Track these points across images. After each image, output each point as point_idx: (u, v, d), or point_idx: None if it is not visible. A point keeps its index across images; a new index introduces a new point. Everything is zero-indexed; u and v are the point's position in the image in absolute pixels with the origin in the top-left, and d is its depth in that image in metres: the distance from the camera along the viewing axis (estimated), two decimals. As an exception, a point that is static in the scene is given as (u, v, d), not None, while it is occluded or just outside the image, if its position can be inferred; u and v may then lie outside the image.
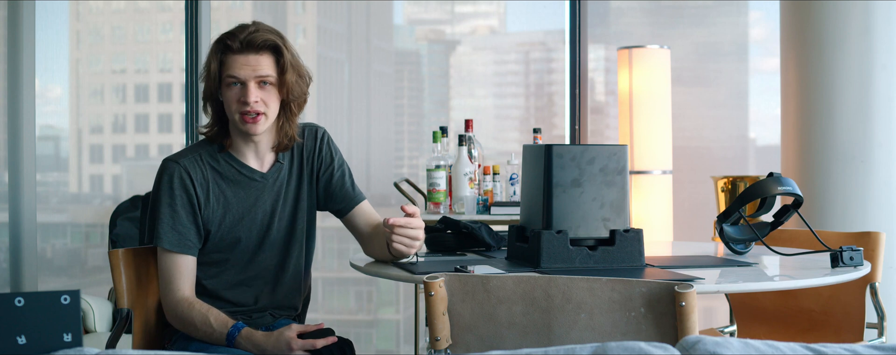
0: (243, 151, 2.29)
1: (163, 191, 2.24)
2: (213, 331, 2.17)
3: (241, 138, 2.27)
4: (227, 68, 2.19)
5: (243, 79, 2.18)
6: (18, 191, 4.02)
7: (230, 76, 2.19)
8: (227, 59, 2.19)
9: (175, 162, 2.25)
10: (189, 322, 2.20)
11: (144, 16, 4.90)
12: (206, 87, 2.24)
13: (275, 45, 2.20)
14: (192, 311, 2.20)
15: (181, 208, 2.23)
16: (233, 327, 2.17)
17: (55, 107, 4.58)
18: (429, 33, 5.31)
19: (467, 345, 1.84)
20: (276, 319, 2.38)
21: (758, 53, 4.94)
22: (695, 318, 1.68)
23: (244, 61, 2.18)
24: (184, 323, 2.21)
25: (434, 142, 3.68)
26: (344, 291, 5.00)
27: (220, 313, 2.20)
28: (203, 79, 2.25)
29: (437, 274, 1.83)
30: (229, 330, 2.16)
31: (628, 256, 2.19)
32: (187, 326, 2.21)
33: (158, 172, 2.26)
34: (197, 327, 2.19)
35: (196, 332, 2.20)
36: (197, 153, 2.28)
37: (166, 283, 2.24)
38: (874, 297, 2.67)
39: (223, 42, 2.20)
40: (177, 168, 2.24)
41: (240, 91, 2.19)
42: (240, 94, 2.19)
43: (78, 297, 1.41)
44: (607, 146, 2.19)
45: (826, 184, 3.71)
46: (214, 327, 2.17)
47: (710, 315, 4.66)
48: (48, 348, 1.38)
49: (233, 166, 2.28)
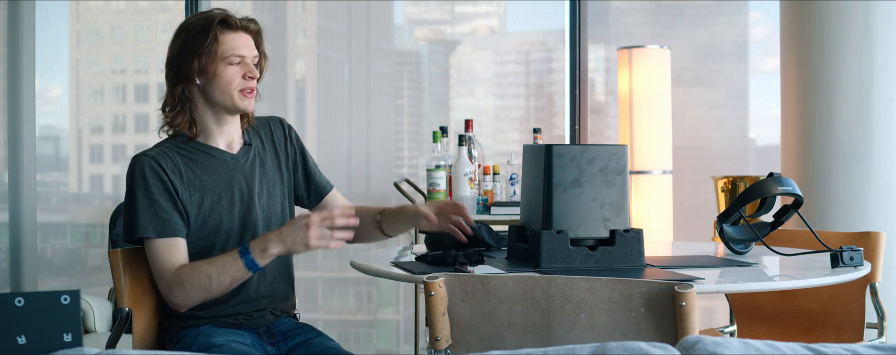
0: (214, 136, 2.31)
1: (137, 185, 2.24)
2: (228, 268, 2.15)
3: (214, 122, 2.30)
4: (231, 47, 2.24)
5: (247, 57, 2.26)
6: (18, 191, 4.02)
7: (236, 54, 2.25)
8: (228, 37, 2.25)
9: (143, 155, 2.26)
10: (203, 281, 2.16)
11: (144, 16, 4.90)
12: (189, 70, 2.25)
13: (259, 29, 2.32)
14: (196, 271, 2.17)
15: (159, 196, 2.23)
16: (241, 249, 2.15)
17: (55, 107, 4.58)
18: (429, 33, 5.31)
19: (467, 345, 1.84)
20: (278, 317, 2.38)
21: (758, 53, 4.94)
22: (695, 318, 1.68)
23: (245, 41, 2.27)
24: (198, 286, 2.17)
25: (434, 142, 3.68)
26: (344, 291, 5.00)
27: (215, 258, 2.18)
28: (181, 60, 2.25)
29: (437, 274, 1.83)
30: (241, 255, 2.14)
31: (628, 256, 2.19)
32: (203, 288, 2.16)
33: (129, 170, 2.27)
34: (212, 278, 2.15)
35: (217, 285, 2.16)
36: (163, 146, 2.29)
37: (162, 269, 2.21)
38: (874, 297, 2.67)
39: (226, 22, 2.25)
40: (146, 160, 2.25)
41: (244, 67, 2.26)
42: (245, 70, 2.26)
43: (78, 297, 1.41)
44: (607, 146, 2.20)
45: (826, 184, 3.71)
46: (227, 264, 2.15)
47: (710, 315, 4.66)
48: (48, 348, 1.38)
49: (202, 150, 2.30)
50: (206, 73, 2.25)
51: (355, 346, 4.86)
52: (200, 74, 2.26)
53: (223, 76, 2.25)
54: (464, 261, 2.19)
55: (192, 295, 2.19)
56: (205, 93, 2.28)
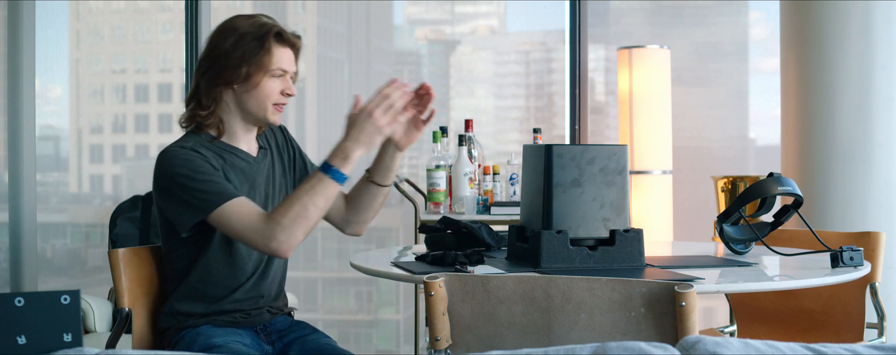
0: (238, 139, 2.31)
1: (181, 170, 2.17)
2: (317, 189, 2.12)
3: (241, 127, 2.30)
4: (279, 60, 2.25)
5: (289, 72, 2.28)
6: (18, 191, 4.02)
7: (281, 68, 2.25)
8: (278, 50, 2.25)
9: (179, 147, 2.22)
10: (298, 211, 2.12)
11: (144, 16, 4.90)
12: (230, 74, 2.22)
13: (301, 46, 2.32)
14: (287, 206, 2.12)
15: (210, 170, 2.19)
16: (321, 167, 2.14)
17: (55, 107, 4.58)
18: (429, 33, 5.31)
19: (467, 345, 1.84)
20: (274, 316, 2.39)
21: (758, 53, 4.94)
22: (695, 318, 1.68)
23: (290, 56, 2.28)
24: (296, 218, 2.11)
25: (434, 142, 3.68)
26: (344, 291, 5.00)
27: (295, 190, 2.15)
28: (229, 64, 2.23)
29: (437, 274, 1.83)
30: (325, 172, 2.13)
31: (628, 256, 2.19)
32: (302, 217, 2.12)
33: (165, 161, 2.20)
34: (306, 205, 2.11)
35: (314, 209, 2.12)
36: (193, 140, 2.26)
37: (249, 224, 2.14)
38: (874, 297, 2.67)
39: (277, 32, 2.24)
40: (182, 150, 2.21)
41: (283, 82, 2.27)
42: (284, 86, 2.27)
43: (78, 297, 1.41)
44: (607, 146, 2.19)
45: (826, 184, 3.71)
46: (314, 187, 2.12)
47: (710, 315, 4.66)
48: (48, 348, 1.38)
49: (229, 150, 2.29)
50: (249, 82, 2.24)
51: (355, 346, 4.86)
52: (242, 81, 2.24)
53: (264, 88, 2.25)
54: (464, 261, 2.19)
55: (294, 230, 2.12)
56: (239, 99, 2.27)
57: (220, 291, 2.30)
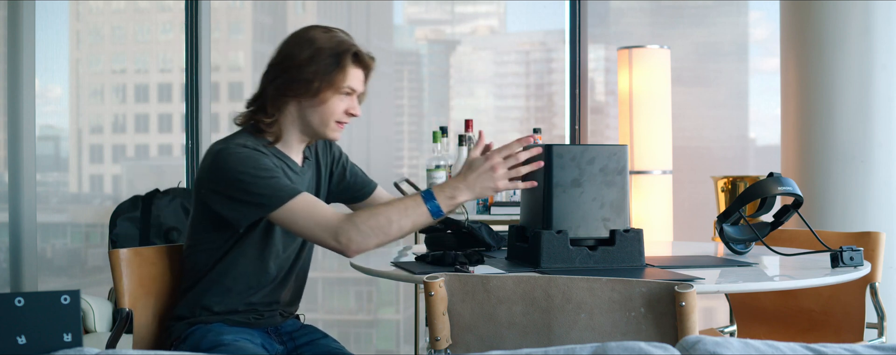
0: (291, 148, 2.31)
1: (245, 166, 2.15)
2: (410, 212, 2.12)
3: (297, 138, 2.30)
4: (350, 78, 2.25)
5: (358, 92, 2.29)
6: (18, 191, 4.02)
7: (350, 87, 2.26)
8: (351, 69, 2.25)
9: (241, 145, 2.20)
10: (382, 223, 2.11)
11: (144, 16, 4.90)
12: (300, 87, 2.22)
13: (373, 68, 2.33)
14: (375, 213, 2.12)
15: (270, 164, 2.19)
16: (424, 194, 2.13)
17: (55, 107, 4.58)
18: (429, 33, 5.31)
19: (467, 345, 1.84)
20: (286, 319, 2.40)
21: (758, 53, 4.94)
22: (695, 318, 1.68)
23: (360, 76, 2.29)
24: (376, 228, 2.11)
25: (434, 142, 3.68)
26: (344, 291, 5.00)
27: (392, 202, 2.15)
28: (297, 77, 2.21)
29: (437, 274, 1.83)
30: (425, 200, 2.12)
31: (628, 256, 2.19)
32: (382, 231, 2.11)
33: (225, 157, 2.17)
34: (393, 221, 2.11)
35: (397, 228, 2.12)
36: (252, 142, 2.24)
37: (320, 219, 2.13)
38: (874, 297, 2.67)
39: (354, 53, 2.25)
40: (244, 148, 2.19)
41: (350, 102, 2.28)
42: (349, 105, 2.27)
43: (78, 297, 1.41)
44: (607, 146, 2.19)
45: (826, 184, 3.71)
46: (409, 208, 2.12)
47: (710, 315, 4.66)
48: (48, 348, 1.38)
49: (282, 160, 2.28)
50: (317, 97, 2.23)
51: (355, 346, 4.86)
52: (311, 96, 2.23)
53: (330, 105, 2.25)
54: (464, 261, 2.19)
55: (368, 238, 2.12)
56: (303, 112, 2.26)
57: (239, 292, 2.30)
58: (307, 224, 2.13)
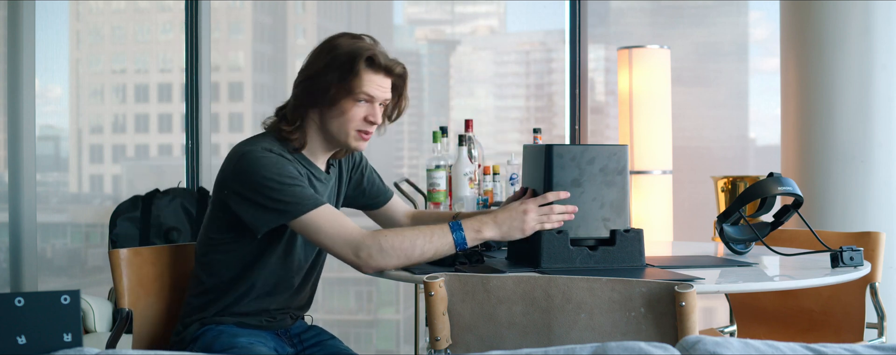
0: (317, 156, 2.28)
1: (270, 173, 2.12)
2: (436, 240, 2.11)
3: (321, 147, 2.26)
4: (366, 85, 2.18)
5: (378, 99, 2.21)
6: (18, 191, 4.02)
7: (365, 93, 2.18)
8: (368, 75, 2.18)
9: (267, 150, 2.16)
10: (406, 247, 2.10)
11: (144, 16, 4.90)
12: (318, 95, 2.18)
13: (404, 74, 2.25)
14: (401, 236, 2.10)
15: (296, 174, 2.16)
16: (452, 225, 2.13)
17: (55, 107, 4.58)
18: (429, 33, 5.31)
19: (467, 345, 1.84)
20: (295, 321, 2.40)
21: (758, 53, 4.94)
22: (695, 318, 1.68)
23: (382, 83, 2.20)
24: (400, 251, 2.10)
25: (434, 142, 3.68)
26: (344, 291, 5.00)
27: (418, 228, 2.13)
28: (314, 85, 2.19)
29: (437, 275, 1.83)
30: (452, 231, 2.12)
31: (628, 256, 2.19)
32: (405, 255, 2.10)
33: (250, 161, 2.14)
34: (417, 247, 2.10)
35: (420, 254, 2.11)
36: (278, 148, 2.20)
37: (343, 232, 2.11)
38: (874, 297, 2.67)
39: (368, 57, 2.17)
40: (270, 154, 2.16)
41: (368, 109, 2.20)
42: (368, 112, 2.20)
43: (78, 297, 1.41)
44: (607, 146, 2.19)
45: (826, 184, 3.71)
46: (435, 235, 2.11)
47: (710, 315, 4.66)
48: (48, 348, 1.39)
49: (307, 167, 2.25)
50: (335, 106, 2.19)
51: (355, 346, 4.86)
52: (329, 104, 2.19)
53: (346, 112, 2.19)
54: (464, 261, 2.19)
55: (389, 258, 2.10)
56: (323, 120, 2.22)
57: (256, 297, 2.28)
58: (329, 235, 2.12)
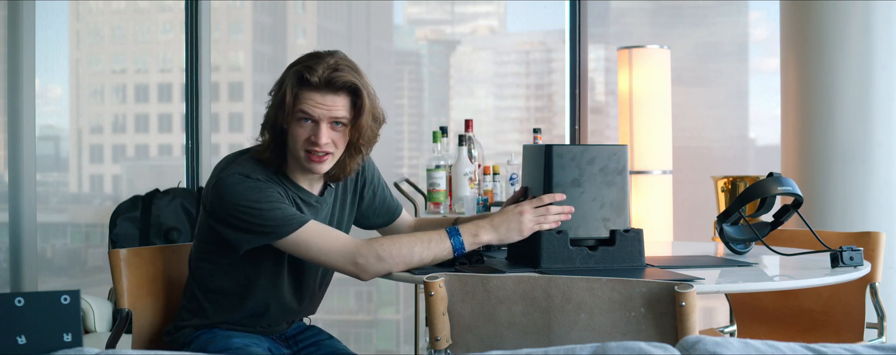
0: (298, 177, 2.19)
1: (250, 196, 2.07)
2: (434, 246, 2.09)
3: (298, 168, 2.17)
4: (301, 103, 2.06)
5: (317, 118, 2.07)
6: (18, 191, 4.02)
7: (303, 112, 2.07)
8: (303, 93, 2.06)
9: (245, 176, 2.10)
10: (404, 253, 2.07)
11: (144, 16, 4.90)
12: (273, 115, 2.11)
13: (354, 86, 2.10)
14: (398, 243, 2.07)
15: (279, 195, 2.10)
16: (450, 230, 2.10)
17: (55, 107, 4.58)
18: (429, 33, 5.31)
19: (467, 345, 1.84)
20: (290, 324, 2.39)
21: (758, 53, 4.94)
22: (695, 318, 1.68)
23: (320, 100, 2.07)
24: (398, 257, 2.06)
25: (434, 142, 3.68)
26: (344, 291, 5.00)
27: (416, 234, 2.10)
28: (269, 105, 2.13)
29: (437, 274, 1.83)
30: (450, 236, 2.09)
31: (628, 256, 2.19)
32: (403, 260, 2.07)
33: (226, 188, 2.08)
34: (415, 253, 2.07)
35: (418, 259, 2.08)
36: (261, 173, 2.13)
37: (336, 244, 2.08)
38: (874, 297, 2.67)
39: (301, 75, 2.07)
40: (248, 179, 2.09)
41: (311, 129, 2.08)
42: (310, 133, 2.08)
43: (78, 297, 1.41)
44: (607, 146, 2.19)
45: (826, 184, 3.71)
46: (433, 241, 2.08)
47: (710, 315, 4.66)
48: (48, 348, 1.39)
49: (291, 189, 2.18)
50: (287, 125, 2.10)
51: (355, 346, 4.85)
52: (281, 125, 2.11)
53: (291, 133, 2.09)
54: (464, 261, 2.19)
55: (388, 263, 2.07)
56: (288, 141, 2.14)
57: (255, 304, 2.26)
58: (321, 249, 2.08)
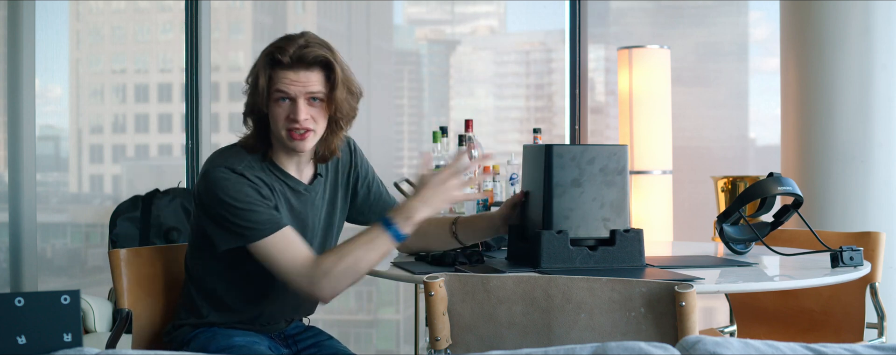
0: (285, 162, 2.21)
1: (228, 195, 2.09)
2: (376, 244, 2.08)
3: (283, 150, 2.20)
4: (276, 83, 2.10)
5: (293, 95, 2.10)
6: (18, 191, 4.02)
7: (279, 91, 2.11)
8: (276, 74, 2.10)
9: (228, 169, 2.12)
10: (351, 264, 2.07)
11: (144, 16, 4.90)
12: (251, 101, 2.15)
13: (326, 60, 2.12)
14: (340, 256, 2.08)
15: (256, 196, 2.11)
16: (383, 221, 2.10)
17: (55, 107, 4.58)
18: (429, 33, 5.31)
19: (467, 345, 1.84)
20: (289, 323, 2.38)
21: (758, 53, 4.94)
22: (695, 318, 1.69)
23: (294, 77, 2.10)
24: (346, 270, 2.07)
25: (434, 142, 3.68)
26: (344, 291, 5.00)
27: (352, 240, 2.09)
28: (247, 92, 2.16)
29: (437, 275, 1.83)
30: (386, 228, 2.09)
31: (628, 256, 2.19)
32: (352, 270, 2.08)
33: (212, 181, 2.11)
34: (360, 259, 2.07)
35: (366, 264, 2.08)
36: (245, 161, 2.16)
37: (292, 264, 2.09)
38: (874, 297, 2.67)
39: (272, 56, 2.11)
40: (230, 173, 2.12)
41: (289, 107, 2.11)
42: (289, 111, 2.11)
43: (78, 297, 1.41)
44: (607, 146, 2.19)
45: (826, 184, 3.71)
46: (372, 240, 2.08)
47: (710, 315, 4.66)
48: (48, 348, 1.39)
49: (278, 177, 2.20)
50: (267, 108, 2.13)
51: (355, 346, 4.85)
52: (265, 108, 2.14)
53: (272, 114, 2.13)
54: (464, 261, 2.19)
55: (340, 281, 2.09)
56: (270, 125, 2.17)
57: (249, 304, 2.27)
58: (284, 266, 2.10)
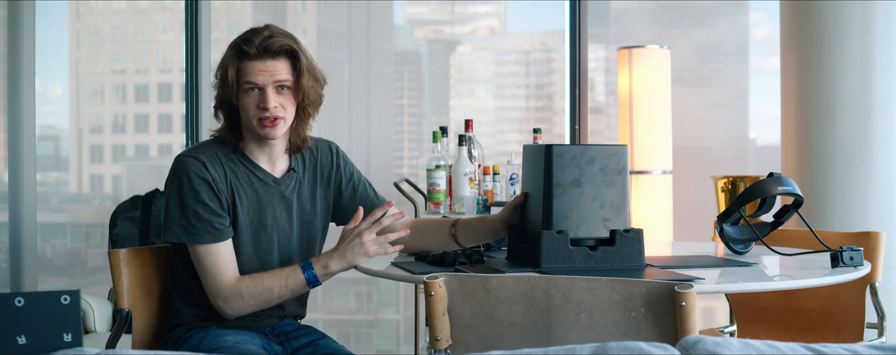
0: (256, 154, 2.28)
1: (184, 186, 2.20)
2: (290, 282, 2.21)
3: (255, 142, 2.26)
4: (245, 74, 2.18)
5: (261, 84, 2.18)
6: (18, 191, 4.02)
7: (248, 82, 2.18)
8: (244, 65, 2.19)
9: (192, 157, 2.21)
10: (263, 294, 2.20)
11: (144, 16, 4.90)
12: (221, 94, 2.23)
13: (291, 49, 2.21)
14: (258, 283, 2.21)
15: (206, 198, 2.19)
16: (303, 264, 2.21)
17: (55, 107, 4.58)
18: (429, 33, 5.31)
19: (467, 345, 1.84)
20: (281, 320, 2.38)
21: (758, 53, 4.94)
22: (695, 318, 1.68)
23: (261, 67, 2.18)
24: (257, 297, 2.21)
25: (434, 142, 3.68)
26: (344, 291, 5.00)
27: (275, 271, 2.22)
28: (216, 85, 2.24)
29: (437, 274, 1.83)
30: (303, 270, 2.20)
31: (628, 256, 2.19)
32: (263, 300, 2.21)
33: (174, 169, 2.22)
34: (273, 291, 2.21)
35: (277, 297, 2.22)
36: (212, 151, 2.24)
37: (216, 278, 2.20)
38: (874, 297, 2.67)
39: (239, 48, 2.19)
40: (194, 163, 2.20)
41: (258, 96, 2.19)
42: (259, 100, 2.19)
43: (78, 297, 1.41)
44: (607, 146, 2.19)
45: (826, 184, 3.71)
46: (289, 277, 2.21)
47: (710, 315, 4.66)
48: (48, 348, 1.39)
49: (247, 167, 2.26)
50: (237, 100, 2.22)
51: (355, 346, 4.86)
52: (235, 100, 2.22)
53: (242, 105, 2.21)
54: (464, 261, 2.19)
55: (249, 305, 2.22)
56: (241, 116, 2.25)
57: None
58: (206, 276, 2.21)
